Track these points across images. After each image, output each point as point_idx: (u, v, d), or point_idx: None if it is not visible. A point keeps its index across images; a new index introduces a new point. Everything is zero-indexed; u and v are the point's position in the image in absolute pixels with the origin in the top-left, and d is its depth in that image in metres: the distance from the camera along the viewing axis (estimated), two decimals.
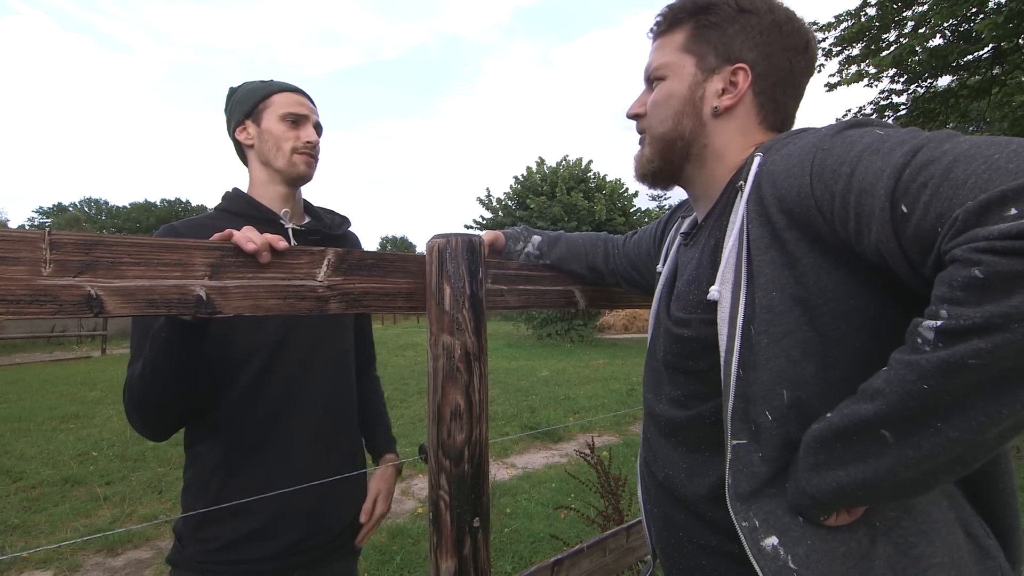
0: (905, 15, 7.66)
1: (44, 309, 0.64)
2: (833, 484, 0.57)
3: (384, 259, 0.94)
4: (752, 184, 0.68)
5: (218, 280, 0.77)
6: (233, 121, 1.22)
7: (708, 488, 0.75)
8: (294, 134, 1.19)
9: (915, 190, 0.51)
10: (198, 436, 1.12)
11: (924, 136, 0.54)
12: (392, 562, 3.00)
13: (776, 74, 0.78)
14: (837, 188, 0.57)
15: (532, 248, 1.25)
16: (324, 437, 1.18)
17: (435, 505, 0.94)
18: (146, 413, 1.00)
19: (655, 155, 0.84)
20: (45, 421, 6.26)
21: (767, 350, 0.64)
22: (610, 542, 1.42)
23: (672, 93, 0.81)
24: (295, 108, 1.19)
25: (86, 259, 0.67)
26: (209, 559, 1.09)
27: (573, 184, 18.04)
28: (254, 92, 1.20)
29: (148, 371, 0.94)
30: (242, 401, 1.10)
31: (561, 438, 5.54)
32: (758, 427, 0.65)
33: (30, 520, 3.54)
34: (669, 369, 0.83)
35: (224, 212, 1.18)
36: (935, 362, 0.47)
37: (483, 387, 0.96)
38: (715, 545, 0.76)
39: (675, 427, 0.81)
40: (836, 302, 0.61)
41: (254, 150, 1.20)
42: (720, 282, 0.69)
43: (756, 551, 0.64)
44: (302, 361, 1.16)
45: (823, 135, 0.63)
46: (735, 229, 0.68)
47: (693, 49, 0.80)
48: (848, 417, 0.55)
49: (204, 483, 1.10)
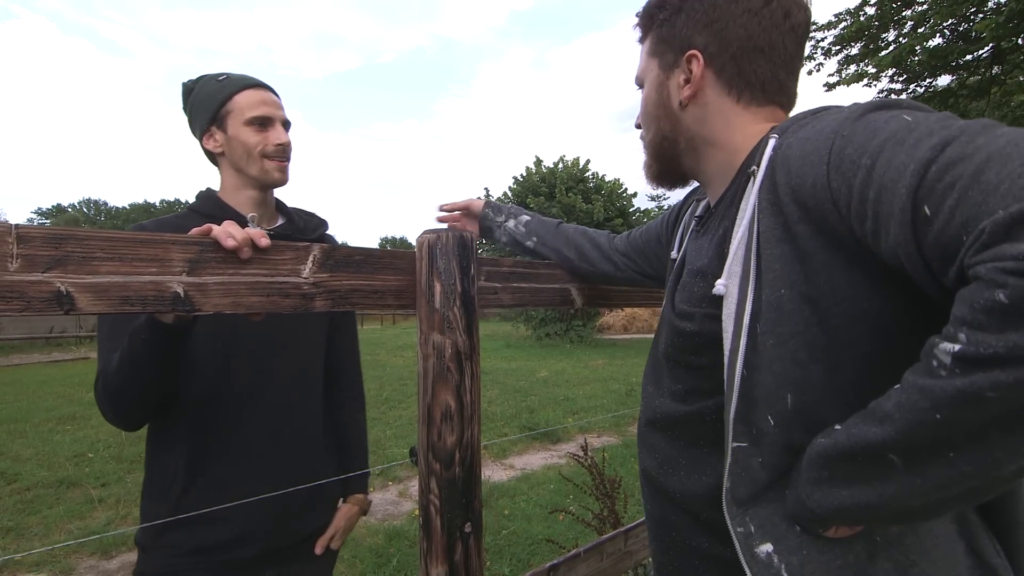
0: (904, 14, 7.65)
1: (10, 306, 0.61)
2: (835, 503, 0.54)
3: (372, 256, 0.91)
4: (765, 170, 0.63)
5: (197, 276, 0.74)
6: (198, 128, 1.17)
7: (705, 488, 0.72)
8: (263, 138, 1.14)
9: (940, 191, 0.45)
10: (157, 441, 1.10)
11: (957, 126, 0.48)
12: (389, 564, 2.97)
13: (732, 46, 0.73)
14: (855, 181, 0.52)
15: (518, 226, 1.21)
16: (283, 443, 1.16)
17: (425, 510, 0.91)
18: (119, 405, 0.98)
19: (652, 159, 0.86)
20: (42, 422, 6.22)
21: (772, 351, 0.60)
22: (607, 546, 1.39)
23: (648, 99, 0.83)
24: (260, 110, 1.14)
25: (55, 254, 0.64)
26: (176, 563, 1.07)
27: (572, 184, 18.02)
28: (213, 96, 1.14)
29: (126, 367, 0.92)
30: (202, 404, 1.08)
31: (560, 439, 5.51)
32: (759, 431, 0.61)
33: (24, 522, 3.51)
34: (670, 362, 0.79)
35: (194, 212, 1.15)
36: (950, 391, 0.42)
37: (475, 388, 0.93)
38: (707, 548, 0.73)
39: (673, 422, 0.78)
40: (848, 303, 0.56)
41: (225, 157, 1.17)
42: (727, 276, 0.65)
43: (749, 557, 0.61)
44: (266, 367, 1.15)
45: (844, 118, 0.57)
46: (745, 219, 0.64)
47: (655, 51, 0.80)
48: (855, 438, 0.51)
49: (164, 489, 1.08)
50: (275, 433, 1.15)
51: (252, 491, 1.09)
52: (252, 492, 1.09)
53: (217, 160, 1.19)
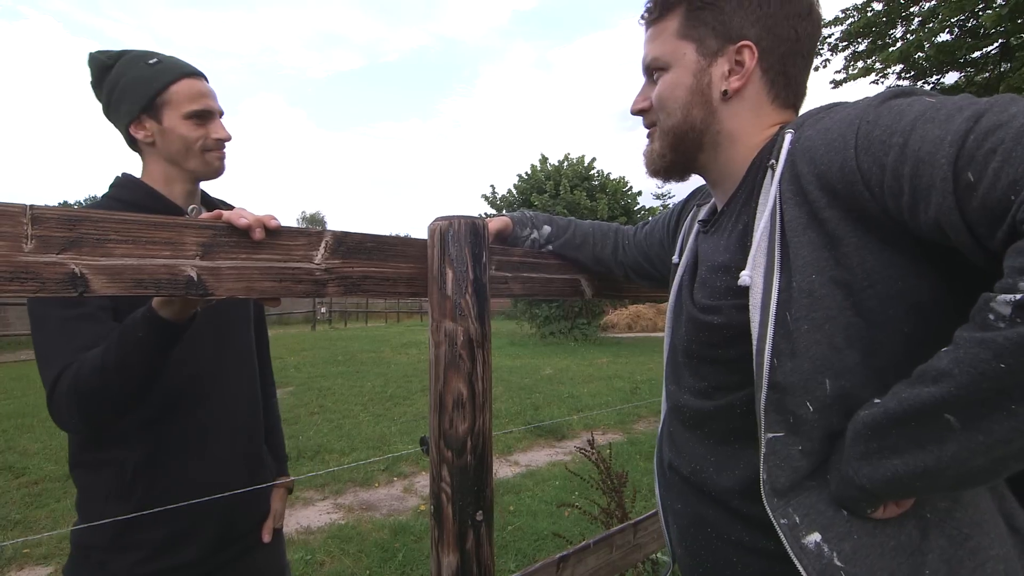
0: (912, 10, 7.59)
1: (25, 287, 0.61)
2: (888, 474, 0.53)
3: (384, 242, 0.91)
4: (785, 163, 0.64)
5: (210, 260, 0.74)
6: (124, 114, 1.08)
7: (739, 482, 0.71)
8: (203, 132, 1.09)
9: (982, 157, 0.47)
10: (107, 440, 1.03)
11: (984, 101, 0.50)
12: (394, 559, 2.97)
13: (782, 45, 0.73)
14: (888, 160, 0.53)
15: (540, 237, 1.21)
16: (239, 431, 1.16)
17: (436, 498, 0.91)
18: (89, 406, 0.91)
19: (667, 149, 0.80)
20: (48, 417, 6.24)
21: (807, 336, 0.60)
22: (617, 538, 1.38)
23: (677, 84, 0.76)
24: (199, 104, 1.08)
25: (70, 235, 0.64)
26: (141, 570, 1.01)
27: (577, 182, 17.99)
28: (146, 82, 1.06)
29: (112, 368, 0.87)
30: (162, 397, 1.03)
31: (565, 436, 5.51)
32: (797, 419, 0.61)
33: (32, 515, 3.53)
34: (693, 359, 0.78)
35: (116, 201, 1.07)
36: (1015, 338, 0.44)
37: (486, 375, 0.92)
38: (748, 541, 0.71)
39: (700, 419, 0.77)
40: (882, 284, 0.57)
41: (155, 147, 1.09)
42: (751, 266, 0.65)
43: (798, 549, 0.60)
44: (214, 355, 1.12)
45: (866, 106, 0.59)
46: (767, 211, 0.64)
47: (690, 34, 0.75)
48: (906, 401, 0.51)
49: (123, 487, 1.02)
50: (231, 422, 1.15)
51: (214, 482, 1.07)
52: (214, 482, 1.07)
53: (142, 149, 1.12)
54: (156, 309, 0.84)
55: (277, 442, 1.36)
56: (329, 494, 3.94)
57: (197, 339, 1.06)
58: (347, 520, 3.50)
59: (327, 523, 3.45)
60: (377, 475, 4.29)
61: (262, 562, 1.22)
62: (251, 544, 1.20)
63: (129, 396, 0.92)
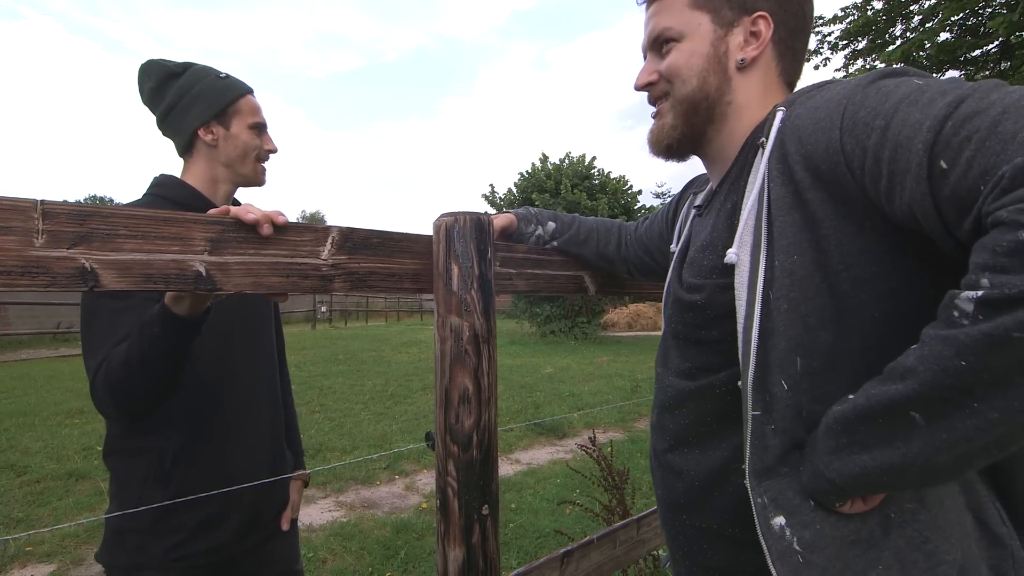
0: (912, 9, 7.59)
1: (36, 281, 0.61)
2: (856, 469, 0.53)
3: (390, 238, 0.92)
4: (775, 140, 0.64)
5: (218, 256, 0.74)
6: (193, 116, 1.16)
7: (717, 463, 0.72)
8: (259, 143, 1.22)
9: (957, 144, 0.46)
10: (143, 428, 1.08)
11: (968, 86, 0.50)
12: (396, 557, 2.98)
13: (792, 20, 0.74)
14: (870, 143, 0.53)
15: (544, 233, 1.21)
16: (263, 423, 1.22)
17: (442, 492, 0.91)
18: (121, 398, 0.97)
19: (679, 119, 0.78)
20: (50, 416, 6.26)
21: (785, 316, 0.60)
22: (620, 534, 1.39)
23: (694, 52, 0.75)
24: (260, 116, 1.23)
25: (81, 230, 0.64)
26: (177, 553, 1.06)
27: (577, 181, 17.99)
28: (220, 92, 1.17)
29: (135, 362, 0.91)
30: (196, 387, 1.09)
31: (565, 434, 5.51)
32: (772, 397, 0.61)
33: (34, 514, 3.53)
34: (679, 340, 0.79)
35: (161, 199, 1.13)
36: (976, 336, 0.43)
37: (492, 370, 0.93)
38: (716, 529, 0.72)
39: (681, 399, 0.78)
40: (857, 268, 0.57)
41: (216, 150, 1.18)
42: (738, 245, 0.65)
43: (766, 529, 0.61)
44: (244, 351, 1.19)
45: (854, 85, 0.58)
46: (755, 189, 0.64)
47: (704, 5, 0.75)
48: (874, 398, 0.51)
49: (162, 474, 1.07)
50: (259, 414, 1.21)
51: (243, 470, 1.14)
52: (243, 471, 1.14)
53: (198, 151, 1.19)
54: (169, 306, 0.87)
55: (294, 437, 1.41)
56: (331, 492, 3.95)
57: (231, 335, 1.15)
58: (349, 518, 3.51)
59: (329, 521, 3.46)
60: (378, 473, 4.30)
61: (280, 550, 1.27)
62: (272, 532, 1.25)
63: (155, 388, 0.97)
